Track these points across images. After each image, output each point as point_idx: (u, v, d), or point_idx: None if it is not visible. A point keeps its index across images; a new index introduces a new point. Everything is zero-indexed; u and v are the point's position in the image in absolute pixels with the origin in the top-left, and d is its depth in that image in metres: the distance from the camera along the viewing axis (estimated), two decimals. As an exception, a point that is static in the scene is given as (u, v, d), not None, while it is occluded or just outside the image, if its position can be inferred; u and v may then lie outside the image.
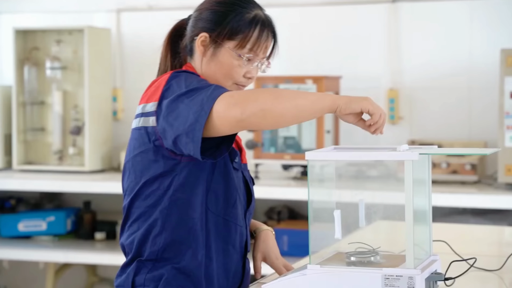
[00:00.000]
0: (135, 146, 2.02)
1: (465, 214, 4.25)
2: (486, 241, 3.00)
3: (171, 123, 1.90)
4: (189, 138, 1.87)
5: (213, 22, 2.04)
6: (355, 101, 1.89)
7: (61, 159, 4.94)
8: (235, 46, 2.03)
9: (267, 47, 2.08)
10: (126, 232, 2.07)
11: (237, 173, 2.08)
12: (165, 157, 1.97)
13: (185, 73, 2.01)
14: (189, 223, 1.99)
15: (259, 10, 2.08)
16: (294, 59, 4.85)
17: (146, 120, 1.98)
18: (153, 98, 1.98)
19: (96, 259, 4.65)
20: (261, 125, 1.90)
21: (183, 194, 1.99)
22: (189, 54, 2.10)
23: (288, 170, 4.57)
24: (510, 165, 4.08)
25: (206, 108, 1.85)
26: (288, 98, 1.86)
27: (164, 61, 2.15)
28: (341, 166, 1.93)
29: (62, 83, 4.94)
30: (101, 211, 4.98)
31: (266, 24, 2.07)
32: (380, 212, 2.74)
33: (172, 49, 2.13)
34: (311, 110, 1.88)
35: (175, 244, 2.00)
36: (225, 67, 2.04)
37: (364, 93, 4.71)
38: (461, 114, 4.60)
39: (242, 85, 2.08)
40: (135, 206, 2.03)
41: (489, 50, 4.48)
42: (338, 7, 4.80)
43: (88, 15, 5.21)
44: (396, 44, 4.70)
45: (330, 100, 1.89)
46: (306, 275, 1.90)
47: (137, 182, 2.02)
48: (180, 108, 1.89)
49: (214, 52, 2.04)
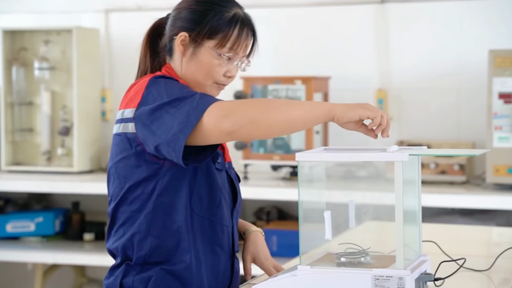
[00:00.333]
0: (117, 152, 2.02)
1: (453, 214, 4.27)
2: (475, 241, 3.01)
3: (154, 131, 1.90)
4: (170, 147, 1.87)
5: (193, 22, 2.03)
6: (352, 108, 1.87)
7: (49, 159, 4.92)
8: (215, 45, 2.02)
9: (247, 46, 2.07)
10: (112, 237, 2.07)
11: (220, 174, 2.07)
12: (148, 161, 1.97)
13: (163, 79, 2.00)
14: (174, 226, 1.99)
15: (238, 9, 2.06)
16: (283, 59, 4.86)
17: (126, 126, 1.98)
18: (131, 104, 1.97)
19: (84, 260, 4.64)
20: (252, 137, 1.91)
21: (167, 198, 1.99)
22: (169, 53, 2.09)
23: (277, 171, 4.57)
24: (498, 165, 4.09)
25: (192, 120, 1.85)
26: (279, 109, 1.86)
27: (143, 61, 2.13)
28: (331, 167, 1.94)
29: (51, 84, 4.93)
30: (90, 212, 4.97)
31: (246, 23, 2.06)
32: (369, 212, 2.75)
33: (151, 48, 2.12)
34: (304, 121, 1.87)
35: (162, 247, 2.00)
36: (205, 67, 2.03)
37: (353, 93, 4.73)
38: (449, 115, 4.61)
39: (222, 84, 2.08)
40: (120, 211, 2.03)
41: (477, 51, 4.49)
42: (327, 7, 4.81)
43: (77, 16, 5.20)
44: (384, 45, 4.71)
45: (325, 109, 1.87)
46: (296, 275, 1.91)
47: (121, 187, 2.02)
48: (164, 117, 1.89)
49: (194, 52, 2.03)
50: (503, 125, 4.08)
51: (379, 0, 4.71)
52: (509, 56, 4.06)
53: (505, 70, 4.06)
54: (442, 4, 4.62)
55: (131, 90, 2.02)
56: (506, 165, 4.08)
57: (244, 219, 2.31)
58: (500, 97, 4.08)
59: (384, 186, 4.13)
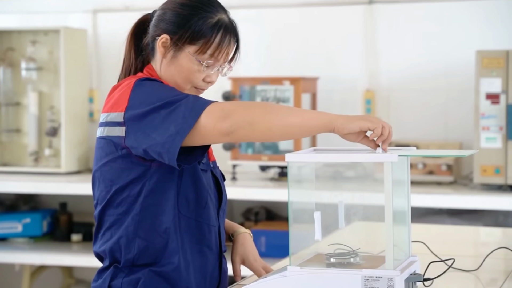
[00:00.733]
0: (102, 156, 2.01)
1: (441, 215, 4.28)
2: (462, 241, 3.02)
3: (148, 134, 1.89)
4: (164, 148, 1.87)
5: (175, 25, 2.02)
6: (352, 120, 1.86)
7: (37, 160, 4.91)
8: (196, 51, 2.01)
9: (228, 53, 2.05)
10: (99, 241, 2.06)
11: (205, 174, 2.07)
12: (134, 163, 1.97)
13: (148, 81, 1.99)
14: (162, 228, 1.99)
15: (223, 15, 2.04)
16: (271, 60, 4.86)
17: (111, 130, 1.97)
18: (117, 108, 1.96)
19: (72, 261, 4.63)
20: (249, 139, 1.92)
21: (154, 200, 1.98)
22: (151, 53, 2.08)
23: (265, 171, 4.57)
24: (486, 165, 4.11)
25: (190, 121, 1.86)
26: (279, 114, 1.87)
27: (128, 56, 2.12)
28: (319, 167, 1.93)
29: (38, 84, 4.91)
30: (78, 212, 4.96)
31: (229, 30, 2.04)
32: (358, 213, 2.75)
33: (136, 43, 2.11)
34: (302, 128, 1.87)
35: (150, 249, 2.00)
36: (184, 71, 2.03)
37: (341, 94, 4.74)
38: (437, 115, 4.63)
39: (201, 89, 2.07)
40: (107, 214, 2.03)
41: (464, 51, 4.51)
42: (316, 8, 4.81)
43: (64, 16, 5.19)
44: (372, 46, 4.72)
45: (325, 119, 1.87)
46: (286, 276, 1.91)
47: (107, 191, 2.01)
48: (158, 120, 1.89)
49: (174, 55, 2.02)
50: (491, 125, 4.10)
51: (367, 1, 4.72)
52: (496, 57, 4.07)
53: (492, 71, 4.08)
54: (430, 5, 4.63)
55: (115, 92, 2.01)
56: (493, 165, 4.10)
57: (232, 220, 2.32)
58: (488, 98, 4.10)
59: (372, 187, 4.14)
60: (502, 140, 4.08)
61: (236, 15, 2.12)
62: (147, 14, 2.12)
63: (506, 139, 4.07)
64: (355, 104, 4.74)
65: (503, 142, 4.08)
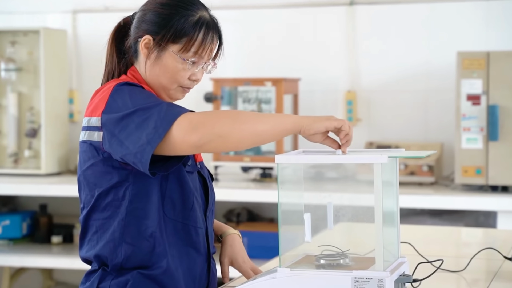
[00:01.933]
0: (85, 159, 2.00)
1: (422, 215, 4.31)
2: (445, 241, 3.04)
3: (122, 141, 1.89)
4: (137, 158, 1.87)
5: (157, 25, 2.01)
6: (318, 121, 1.90)
7: (16, 162, 4.87)
8: (179, 49, 2.01)
9: (212, 50, 2.05)
10: (85, 246, 2.05)
11: (192, 176, 2.07)
12: (116, 168, 1.96)
13: (128, 86, 1.98)
14: (148, 232, 1.98)
15: (204, 12, 2.04)
16: (253, 61, 4.86)
17: (91, 134, 1.97)
18: (96, 112, 1.96)
19: (52, 263, 4.60)
20: (220, 150, 1.94)
21: (139, 204, 1.98)
22: (134, 55, 2.07)
23: (247, 172, 4.57)
24: (467, 166, 4.14)
25: (160, 131, 1.85)
26: (248, 123, 1.88)
27: (110, 60, 2.11)
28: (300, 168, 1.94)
29: (17, 85, 4.88)
30: (58, 214, 4.93)
31: (211, 26, 2.04)
32: (346, 214, 2.75)
33: (117, 47, 2.10)
34: (272, 134, 1.90)
35: (137, 254, 1.99)
36: (169, 71, 2.02)
37: (322, 95, 4.74)
38: (418, 116, 4.65)
39: (187, 87, 2.07)
40: (92, 219, 2.02)
41: (445, 53, 4.53)
42: (297, 9, 4.82)
43: (44, 16, 5.15)
44: (353, 47, 4.74)
45: (292, 122, 1.90)
46: (276, 278, 1.90)
47: (92, 195, 2.00)
48: (130, 127, 1.88)
49: (158, 55, 2.02)
50: (472, 126, 4.12)
51: (348, 2, 4.74)
52: (477, 58, 4.10)
53: (473, 72, 4.11)
54: (411, 7, 4.66)
55: (96, 96, 2.01)
56: (474, 166, 4.13)
57: (217, 221, 2.31)
58: (469, 99, 4.12)
59: (355, 187, 4.15)
60: (483, 141, 4.11)
61: (218, 15, 2.12)
62: (127, 17, 2.11)
63: (487, 140, 4.10)
64: (336, 105, 4.75)
65: (484, 143, 4.11)
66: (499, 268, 2.41)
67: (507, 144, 4.08)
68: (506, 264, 2.43)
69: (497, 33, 4.51)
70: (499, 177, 4.11)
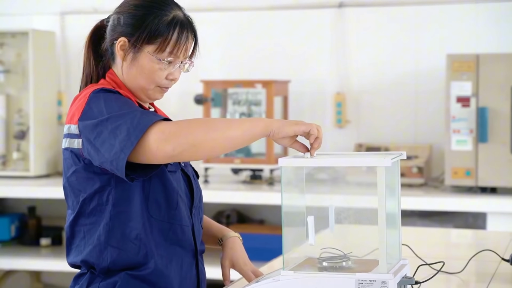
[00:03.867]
0: (68, 166, 2.03)
1: (412, 217, 4.32)
2: (437, 243, 3.06)
3: (98, 149, 1.92)
4: (113, 166, 1.89)
5: (132, 26, 2.02)
6: (288, 124, 1.93)
7: (4, 164, 4.85)
8: (155, 50, 2.02)
9: (187, 49, 2.06)
10: (73, 252, 2.06)
11: (175, 175, 2.08)
12: (98, 173, 1.98)
13: (104, 93, 2.00)
14: (133, 234, 2.00)
15: (178, 11, 2.05)
16: (243, 63, 4.86)
17: (72, 142, 1.99)
18: (74, 120, 1.98)
19: (41, 265, 4.59)
20: (194, 159, 1.97)
21: (122, 207, 2.00)
22: (111, 58, 2.08)
23: (237, 174, 4.57)
24: (457, 168, 4.16)
25: (133, 139, 1.87)
26: (219, 130, 1.90)
27: (88, 64, 2.12)
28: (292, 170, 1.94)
29: (5, 87, 4.86)
30: (46, 216, 4.91)
31: (185, 25, 2.05)
32: (349, 217, 2.76)
33: (94, 50, 2.11)
34: (243, 139, 1.93)
35: (123, 257, 2.00)
36: (146, 72, 2.03)
37: (312, 97, 4.76)
38: (407, 118, 4.67)
39: (165, 87, 2.08)
40: (78, 224, 2.03)
41: (435, 55, 4.56)
42: (286, 11, 4.83)
43: (32, 18, 5.13)
44: (343, 49, 4.75)
45: (262, 126, 1.93)
46: (279, 281, 1.91)
47: (77, 201, 2.02)
48: (104, 134, 1.90)
49: (135, 57, 2.03)
50: (461, 128, 4.15)
51: (337, 4, 4.75)
52: (466, 61, 4.13)
53: (463, 74, 4.14)
54: (400, 9, 4.68)
55: (74, 104, 2.03)
56: (464, 167, 4.15)
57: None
58: (458, 101, 4.15)
59: (345, 189, 4.16)
60: (473, 142, 4.14)
61: (207, 17, 2.13)
62: (102, 20, 2.12)
63: (477, 141, 4.13)
64: (326, 107, 4.77)
65: (474, 145, 4.14)
66: (496, 270, 2.42)
67: (496, 146, 4.11)
68: (502, 266, 2.45)
69: (486, 36, 4.54)
70: (489, 178, 4.14)
